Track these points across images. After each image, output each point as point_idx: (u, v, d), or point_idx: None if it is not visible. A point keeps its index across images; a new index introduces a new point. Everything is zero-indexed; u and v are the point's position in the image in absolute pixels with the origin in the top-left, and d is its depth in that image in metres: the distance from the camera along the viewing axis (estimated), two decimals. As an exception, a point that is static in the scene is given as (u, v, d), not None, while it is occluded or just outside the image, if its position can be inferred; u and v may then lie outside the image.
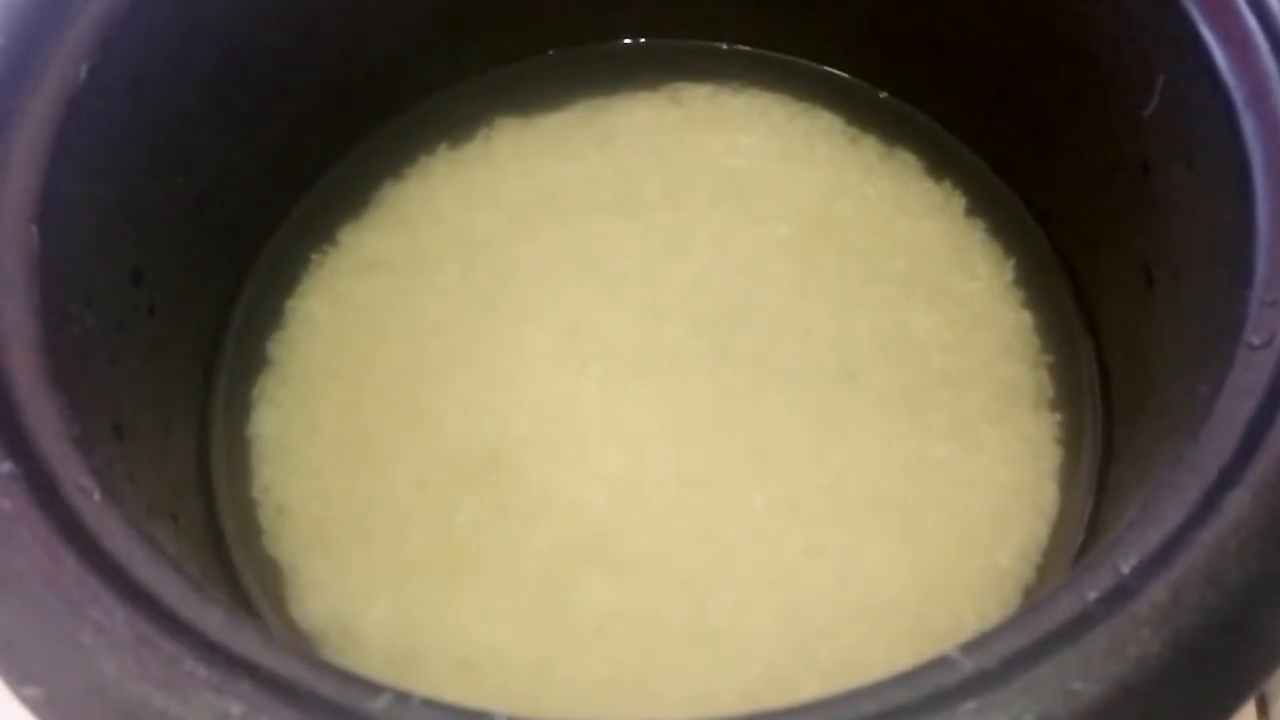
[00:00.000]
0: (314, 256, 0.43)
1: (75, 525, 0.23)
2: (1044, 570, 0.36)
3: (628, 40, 0.47)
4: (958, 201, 0.43)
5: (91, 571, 0.22)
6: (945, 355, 0.40)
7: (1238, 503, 0.22)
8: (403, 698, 0.22)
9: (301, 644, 0.36)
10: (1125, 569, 0.22)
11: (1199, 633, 0.21)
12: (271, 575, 0.37)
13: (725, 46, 0.47)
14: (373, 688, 0.22)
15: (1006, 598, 0.36)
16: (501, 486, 0.38)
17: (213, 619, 0.22)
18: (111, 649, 0.21)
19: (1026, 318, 0.41)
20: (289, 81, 0.40)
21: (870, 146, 0.44)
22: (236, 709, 0.21)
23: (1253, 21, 0.28)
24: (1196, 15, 0.30)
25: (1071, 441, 0.38)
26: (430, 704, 0.22)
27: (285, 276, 0.42)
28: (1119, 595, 0.22)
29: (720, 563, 0.37)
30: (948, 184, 0.43)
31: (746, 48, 0.47)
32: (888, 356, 0.40)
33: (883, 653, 0.35)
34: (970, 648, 0.22)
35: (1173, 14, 0.30)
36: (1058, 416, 0.39)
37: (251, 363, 0.41)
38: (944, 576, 0.36)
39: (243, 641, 0.22)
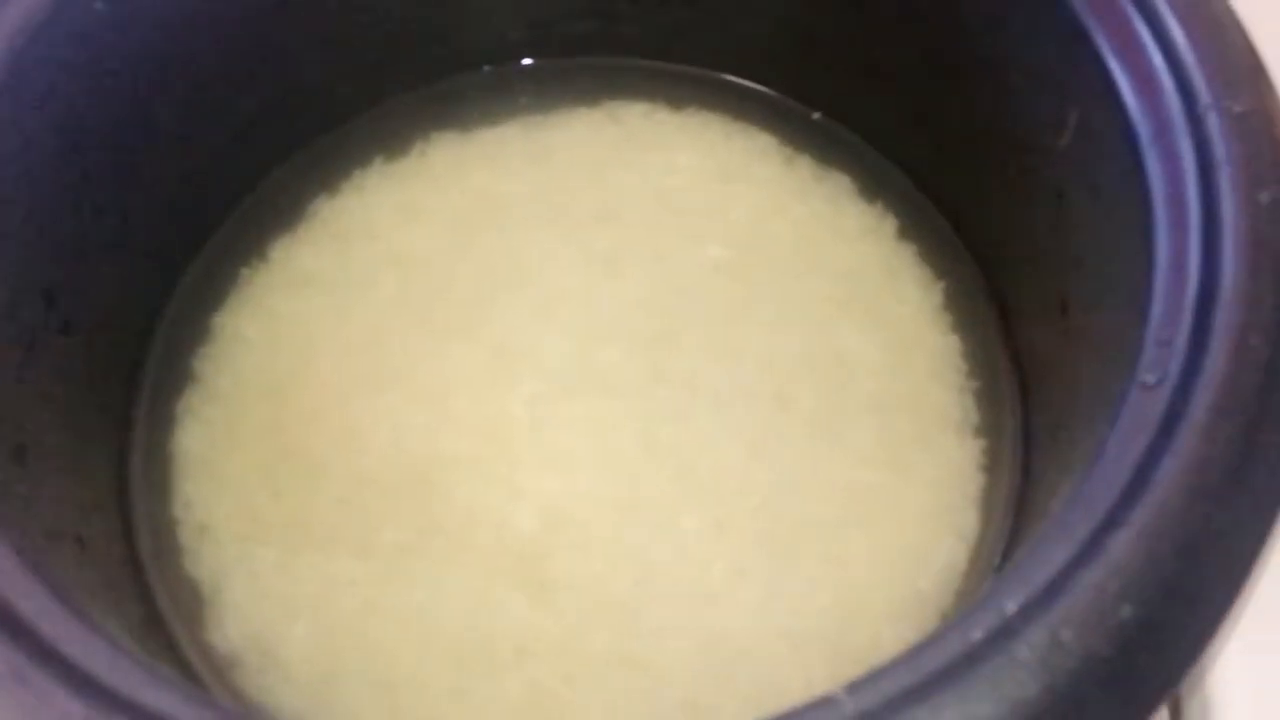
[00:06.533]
0: (244, 271, 0.43)
1: (-47, 557, 0.23)
2: (962, 595, 0.36)
3: (566, 57, 0.47)
4: (890, 224, 0.43)
5: (-32, 605, 0.22)
6: (875, 379, 0.40)
7: (1120, 545, 0.22)
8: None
9: (217, 667, 0.35)
10: (1010, 609, 0.23)
11: (1076, 677, 0.21)
12: (190, 596, 0.37)
13: (663, 65, 0.47)
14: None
15: (926, 621, 0.36)
16: (428, 506, 0.38)
17: (96, 653, 0.22)
18: (-17, 686, 0.21)
19: (954, 342, 0.41)
20: (218, 95, 0.40)
21: (805, 167, 0.44)
22: (108, 748, 0.20)
23: (1159, 59, 0.28)
24: (1107, 52, 0.30)
25: (993, 467, 0.38)
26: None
27: (214, 292, 0.42)
28: (1002, 636, 0.22)
29: (646, 585, 0.36)
30: (880, 206, 0.43)
31: (684, 66, 0.46)
32: (818, 379, 0.40)
33: (801, 676, 0.35)
34: (855, 688, 0.23)
35: (1085, 50, 0.30)
36: (982, 442, 0.39)
37: (176, 379, 0.40)
38: (865, 600, 0.36)
39: (124, 677, 0.22)
